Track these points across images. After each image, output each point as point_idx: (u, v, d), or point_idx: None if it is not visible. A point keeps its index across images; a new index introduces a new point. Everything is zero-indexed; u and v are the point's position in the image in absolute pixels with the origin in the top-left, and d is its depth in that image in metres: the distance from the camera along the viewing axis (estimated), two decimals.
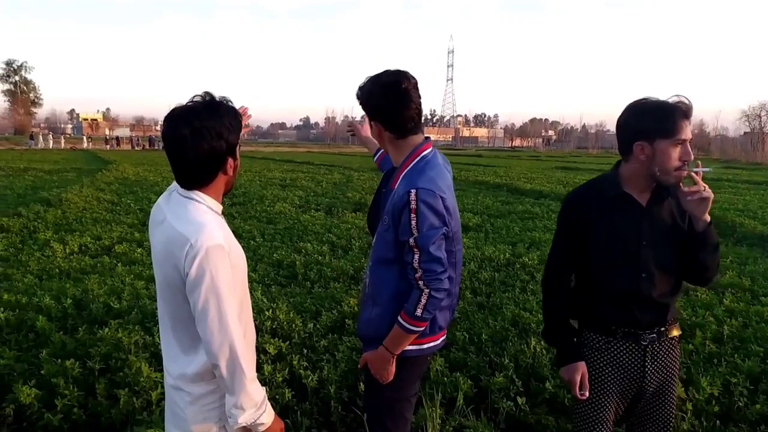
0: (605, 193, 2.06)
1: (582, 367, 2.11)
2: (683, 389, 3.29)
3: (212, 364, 1.62)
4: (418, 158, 2.02)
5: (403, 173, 2.01)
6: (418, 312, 1.92)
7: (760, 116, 63.04)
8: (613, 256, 2.04)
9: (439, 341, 2.14)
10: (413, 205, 1.88)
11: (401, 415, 2.15)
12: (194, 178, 1.67)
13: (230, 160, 1.69)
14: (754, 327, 4.37)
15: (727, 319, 4.47)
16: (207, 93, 1.67)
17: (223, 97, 1.69)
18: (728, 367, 3.66)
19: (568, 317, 2.18)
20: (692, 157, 1.94)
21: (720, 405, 3.26)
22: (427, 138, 2.11)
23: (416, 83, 2.03)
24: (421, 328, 1.97)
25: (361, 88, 2.06)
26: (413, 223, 1.88)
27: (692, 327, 4.34)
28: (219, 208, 1.74)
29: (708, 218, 1.97)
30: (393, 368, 2.03)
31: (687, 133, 1.92)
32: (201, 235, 1.57)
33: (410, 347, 2.03)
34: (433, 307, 1.94)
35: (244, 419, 1.65)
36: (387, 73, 2.02)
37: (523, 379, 3.48)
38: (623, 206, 2.03)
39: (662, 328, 2.08)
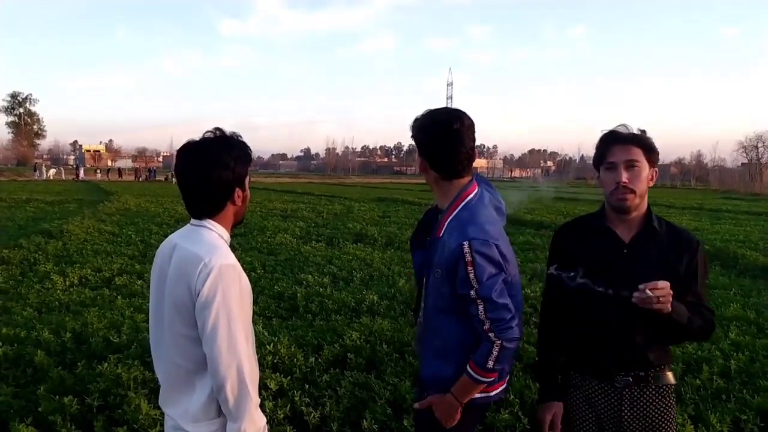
0: (589, 227, 2.08)
1: (555, 407, 2.10)
2: (692, 426, 3.23)
3: (218, 386, 1.60)
4: (462, 205, 1.94)
5: (448, 220, 1.94)
6: (490, 364, 1.83)
7: (757, 147, 63.67)
8: (588, 290, 1.99)
9: (505, 386, 2.07)
10: (468, 258, 1.80)
11: None
12: (204, 208, 1.73)
13: (238, 191, 1.74)
14: (762, 361, 4.32)
15: (734, 353, 4.42)
16: (217, 129, 1.75)
17: (233, 132, 1.77)
18: (737, 404, 3.59)
19: (555, 354, 2.14)
20: (622, 178, 1.92)
21: None
22: (472, 180, 2.02)
23: (471, 125, 1.95)
24: (491, 379, 1.90)
25: (414, 121, 2.00)
26: (471, 275, 1.80)
27: (698, 361, 4.29)
28: (228, 238, 1.77)
29: (665, 311, 1.83)
30: (458, 414, 1.96)
31: (617, 156, 1.95)
32: (214, 255, 1.62)
33: (479, 395, 1.96)
34: (506, 358, 1.85)
35: None
36: (441, 112, 1.96)
37: (529, 415, 3.41)
38: (605, 241, 2.02)
39: (641, 373, 1.99)
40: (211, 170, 1.67)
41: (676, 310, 1.85)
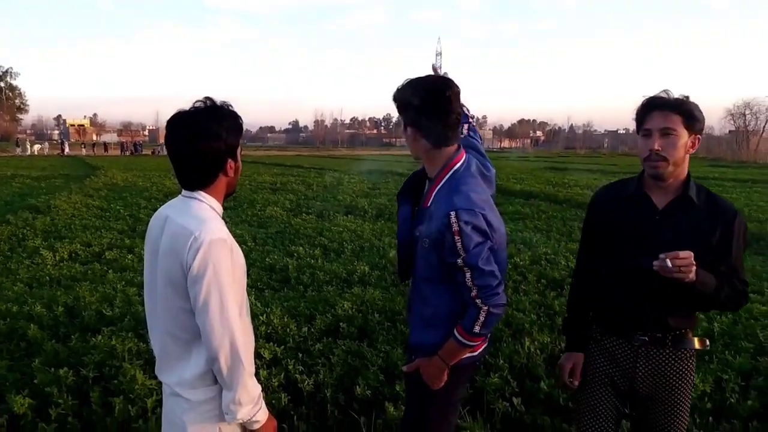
0: (625, 191, 2.11)
1: (575, 357, 2.22)
2: None
3: (212, 357, 1.63)
4: (449, 174, 1.96)
5: (436, 190, 1.96)
6: (476, 329, 1.88)
7: (744, 115, 63.79)
8: (614, 251, 2.07)
9: (487, 344, 2.14)
10: (455, 228, 1.82)
11: (447, 418, 2.15)
12: (195, 179, 1.72)
13: (230, 162, 1.73)
14: (744, 324, 4.43)
15: (717, 317, 4.52)
16: (208, 98, 1.71)
17: (224, 101, 1.73)
18: (719, 364, 3.70)
19: (582, 309, 2.26)
20: (655, 146, 1.93)
21: (712, 402, 3.30)
22: (460, 147, 2.02)
23: (458, 91, 1.95)
24: (478, 343, 1.96)
25: (399, 92, 1.96)
26: (458, 245, 1.83)
27: None
28: (220, 209, 1.77)
29: (689, 279, 1.84)
30: (445, 376, 2.02)
31: (653, 123, 1.95)
32: (204, 228, 1.61)
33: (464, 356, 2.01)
34: (492, 323, 1.90)
35: (242, 415, 1.66)
36: (430, 80, 1.95)
37: (518, 379, 3.50)
38: (639, 206, 2.05)
39: (658, 334, 2.04)
40: (202, 141, 1.65)
41: (701, 280, 1.86)
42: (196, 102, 1.70)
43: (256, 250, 7.34)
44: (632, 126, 2.13)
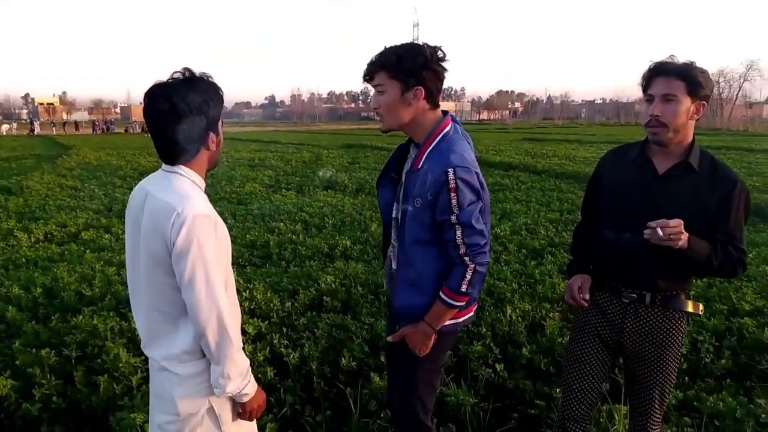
0: (630, 154, 2.15)
1: (582, 277, 2.25)
2: None
3: (199, 333, 1.61)
4: (440, 137, 1.97)
5: (427, 151, 1.95)
6: (463, 288, 1.91)
7: (718, 83, 64.56)
8: (611, 210, 2.13)
9: (472, 313, 2.16)
10: (452, 184, 1.84)
11: (432, 384, 2.18)
12: (176, 154, 1.67)
13: (212, 135, 1.68)
14: (718, 287, 4.55)
15: (693, 281, 4.63)
16: (186, 69, 1.65)
17: (203, 72, 1.67)
18: (695, 326, 3.81)
19: (583, 255, 2.33)
20: (657, 111, 1.95)
21: (688, 362, 3.41)
22: (446, 113, 2.04)
23: None
24: (463, 303, 1.97)
25: (404, 51, 1.90)
26: (453, 201, 1.86)
27: None
28: (202, 184, 1.73)
29: (678, 246, 1.87)
30: (432, 342, 2.04)
31: (656, 89, 1.97)
32: (187, 204, 1.57)
33: (448, 322, 2.03)
34: (477, 281, 1.93)
35: (231, 388, 1.66)
36: (420, 44, 1.93)
37: (500, 346, 3.57)
38: (640, 169, 2.08)
39: (646, 293, 2.08)
40: (182, 114, 1.60)
41: (693, 247, 1.89)
42: (174, 72, 1.64)
43: (236, 227, 7.28)
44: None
